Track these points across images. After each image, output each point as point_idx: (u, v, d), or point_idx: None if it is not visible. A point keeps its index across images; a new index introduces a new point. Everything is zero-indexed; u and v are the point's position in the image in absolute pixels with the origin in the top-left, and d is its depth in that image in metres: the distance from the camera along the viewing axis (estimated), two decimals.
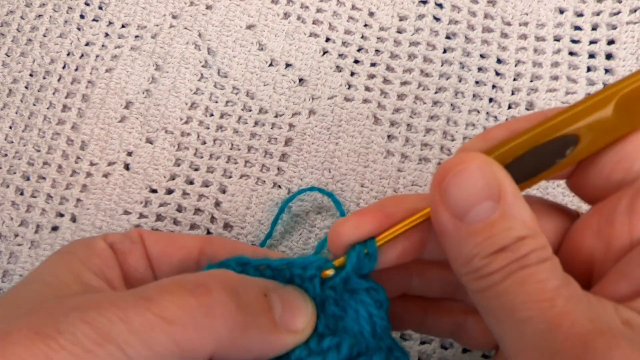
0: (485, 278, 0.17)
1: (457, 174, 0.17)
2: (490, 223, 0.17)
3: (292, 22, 0.38)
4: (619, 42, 0.35)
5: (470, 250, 0.17)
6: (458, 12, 0.37)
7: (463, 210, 0.17)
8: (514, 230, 0.17)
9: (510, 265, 0.17)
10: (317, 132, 0.35)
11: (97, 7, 0.40)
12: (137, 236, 0.23)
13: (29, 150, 0.36)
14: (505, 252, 0.17)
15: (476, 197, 0.17)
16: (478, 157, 0.18)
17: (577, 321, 0.16)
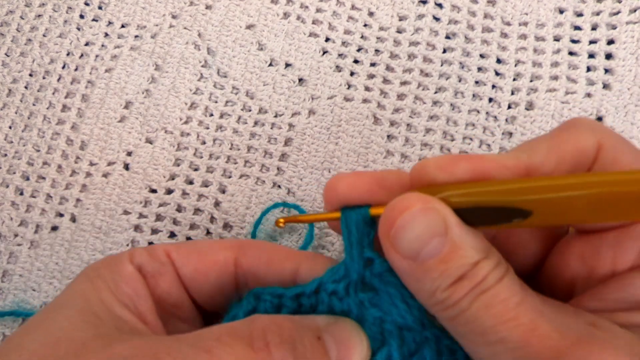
0: (452, 307, 0.18)
1: (402, 222, 0.18)
2: (442, 258, 0.18)
3: (292, 22, 0.38)
4: (618, 42, 0.35)
5: (431, 286, 0.18)
6: (458, 12, 0.37)
7: (414, 252, 0.18)
8: (467, 258, 0.18)
9: (472, 292, 0.17)
10: (317, 132, 0.35)
11: (96, 7, 0.40)
12: (165, 256, 0.22)
13: (28, 150, 0.36)
14: (464, 281, 0.18)
15: (423, 237, 0.18)
16: (418, 199, 0.18)
17: (544, 335, 0.17)
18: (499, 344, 0.17)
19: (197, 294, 0.23)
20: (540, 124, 0.34)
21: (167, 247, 0.22)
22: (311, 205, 0.33)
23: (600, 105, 0.34)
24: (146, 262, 0.22)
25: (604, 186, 0.17)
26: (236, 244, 0.23)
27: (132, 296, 0.21)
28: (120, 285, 0.21)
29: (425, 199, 0.18)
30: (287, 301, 0.21)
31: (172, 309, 0.22)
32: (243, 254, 0.23)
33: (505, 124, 0.35)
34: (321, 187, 0.34)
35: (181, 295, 0.22)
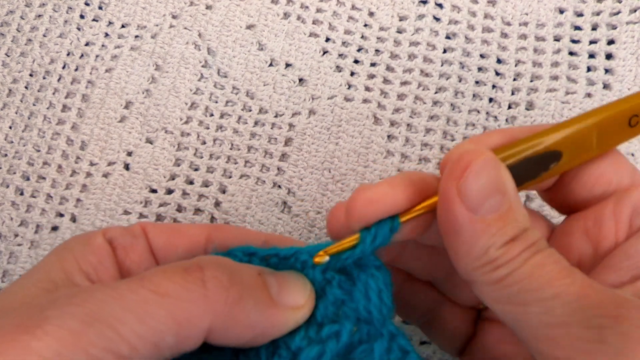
0: (504, 266, 0.18)
1: (472, 169, 0.18)
2: (501, 215, 0.18)
3: (292, 22, 0.38)
4: (619, 42, 0.35)
5: (486, 242, 0.18)
6: (458, 12, 0.37)
7: (478, 203, 0.18)
8: (520, 222, 0.18)
9: (527, 251, 0.18)
10: (317, 132, 0.35)
11: (97, 7, 0.40)
12: (140, 230, 0.22)
13: (28, 150, 0.36)
14: (519, 241, 0.18)
15: (488, 190, 0.18)
16: (487, 152, 0.19)
17: (601, 289, 0.17)
18: (555, 299, 0.17)
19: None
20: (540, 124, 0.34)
21: (144, 224, 0.23)
22: (311, 205, 0.34)
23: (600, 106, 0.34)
24: (119, 235, 0.22)
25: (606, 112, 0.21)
26: (212, 225, 0.24)
27: (95, 265, 0.20)
28: (86, 255, 0.20)
29: (491, 154, 0.19)
30: (255, 260, 0.21)
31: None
32: (216, 230, 0.23)
33: (505, 124, 0.35)
34: (321, 187, 0.34)
35: (151, 267, 0.22)
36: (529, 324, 0.18)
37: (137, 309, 0.16)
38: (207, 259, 0.19)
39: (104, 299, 0.16)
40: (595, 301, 0.17)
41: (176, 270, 0.18)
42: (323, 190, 0.34)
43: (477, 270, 0.19)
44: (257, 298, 0.19)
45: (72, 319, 0.16)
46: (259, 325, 0.19)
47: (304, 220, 0.33)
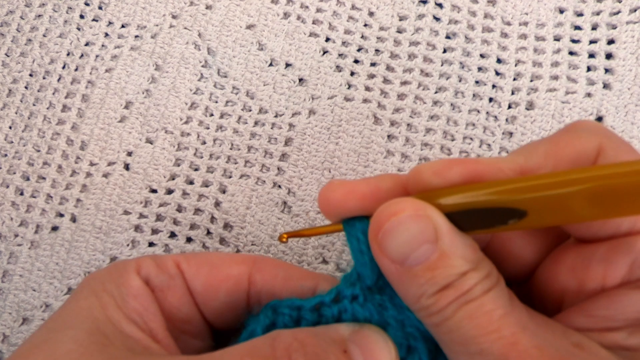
0: (436, 315, 0.18)
1: (390, 225, 0.18)
2: (430, 265, 0.18)
3: (292, 22, 0.38)
4: (619, 41, 0.35)
5: (417, 291, 0.18)
6: (458, 12, 0.37)
7: (402, 257, 0.18)
8: (455, 268, 0.18)
9: (456, 301, 0.17)
10: (317, 132, 0.35)
11: (96, 7, 0.40)
12: (175, 268, 0.21)
13: (28, 150, 0.36)
14: (449, 290, 0.17)
15: (412, 243, 0.18)
16: (410, 205, 0.18)
17: (523, 350, 0.17)
18: (479, 355, 0.17)
19: (207, 309, 0.22)
20: (540, 124, 0.34)
21: (176, 258, 0.21)
22: (312, 205, 0.33)
23: (600, 105, 0.34)
24: (154, 274, 0.21)
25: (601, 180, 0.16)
26: (251, 259, 0.22)
27: (141, 312, 0.19)
28: (127, 300, 0.19)
29: (417, 205, 0.18)
30: (306, 313, 0.21)
31: (182, 324, 0.21)
32: (258, 270, 0.22)
33: (505, 123, 0.35)
34: (322, 187, 0.34)
35: (191, 310, 0.21)
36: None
37: None
38: (290, 343, 0.18)
39: None
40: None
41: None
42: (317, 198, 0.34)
43: (416, 313, 0.19)
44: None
45: None
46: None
47: (304, 220, 0.33)
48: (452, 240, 0.18)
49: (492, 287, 0.18)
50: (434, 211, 0.18)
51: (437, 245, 0.18)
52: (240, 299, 0.22)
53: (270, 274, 0.22)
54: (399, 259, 0.18)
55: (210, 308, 0.22)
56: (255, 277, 0.22)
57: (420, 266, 0.18)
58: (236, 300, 0.22)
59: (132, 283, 0.20)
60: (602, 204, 0.17)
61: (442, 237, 0.18)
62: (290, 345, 0.18)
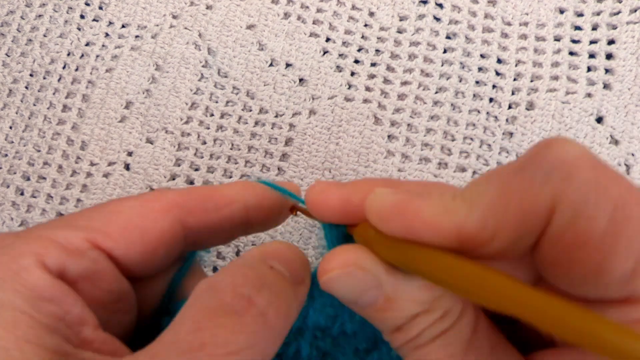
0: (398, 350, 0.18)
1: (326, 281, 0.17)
2: (378, 308, 0.17)
3: (292, 22, 0.38)
4: (619, 42, 0.35)
5: (377, 326, 0.18)
6: (458, 12, 0.37)
7: (352, 300, 0.18)
8: (403, 311, 0.17)
9: (407, 346, 0.17)
10: (318, 132, 0.35)
11: (97, 7, 0.40)
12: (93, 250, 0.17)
13: (29, 150, 0.36)
14: (401, 333, 0.17)
15: (354, 292, 0.17)
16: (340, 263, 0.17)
17: None
18: None
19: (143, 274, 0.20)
20: (540, 124, 0.34)
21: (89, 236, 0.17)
22: None
23: (600, 105, 0.34)
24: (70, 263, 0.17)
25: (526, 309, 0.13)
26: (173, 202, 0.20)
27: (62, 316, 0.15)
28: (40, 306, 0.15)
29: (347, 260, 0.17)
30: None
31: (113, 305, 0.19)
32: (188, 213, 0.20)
33: (505, 124, 0.35)
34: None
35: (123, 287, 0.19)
36: None
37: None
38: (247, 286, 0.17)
39: None
40: None
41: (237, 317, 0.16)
42: None
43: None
44: (291, 297, 0.19)
45: None
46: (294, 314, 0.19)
47: (304, 220, 0.33)
48: (396, 286, 0.17)
49: (445, 331, 0.17)
50: (371, 262, 0.17)
51: (381, 291, 0.17)
52: (178, 247, 0.20)
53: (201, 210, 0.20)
54: (349, 302, 0.18)
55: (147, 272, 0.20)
56: (189, 221, 0.20)
57: (370, 309, 0.17)
58: (174, 250, 0.20)
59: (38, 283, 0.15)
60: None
61: (385, 284, 0.17)
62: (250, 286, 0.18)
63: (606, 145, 0.34)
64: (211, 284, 0.18)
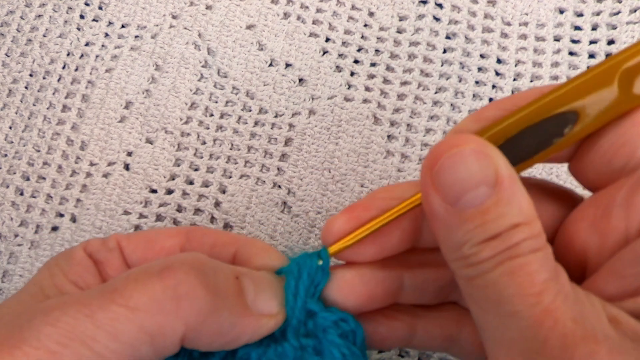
0: (475, 266, 0.16)
1: (449, 158, 0.16)
2: (483, 209, 0.16)
3: (292, 22, 0.38)
4: (619, 42, 0.35)
5: (462, 237, 0.16)
6: (458, 12, 0.37)
7: (456, 195, 0.16)
8: (508, 217, 0.16)
9: (501, 255, 0.16)
10: (317, 132, 0.35)
11: (97, 7, 0.40)
12: (115, 243, 0.22)
13: (28, 150, 0.36)
14: (497, 241, 0.16)
15: (470, 182, 0.16)
16: (472, 140, 0.17)
17: (560, 320, 0.15)
18: (511, 317, 0.16)
19: None
20: None
21: (119, 236, 0.23)
22: (312, 205, 0.33)
23: None
24: (97, 249, 0.22)
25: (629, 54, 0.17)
26: (183, 230, 0.23)
27: (81, 273, 0.21)
28: (71, 267, 0.21)
29: (480, 142, 0.17)
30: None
31: None
32: (189, 240, 0.22)
33: None
34: (321, 187, 0.34)
35: None
36: (485, 332, 0.17)
37: (108, 326, 0.17)
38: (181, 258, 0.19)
39: (76, 317, 0.17)
40: (545, 334, 0.15)
41: (147, 278, 0.18)
42: (323, 190, 0.34)
43: (452, 263, 0.17)
44: (232, 307, 0.19)
45: (49, 340, 0.17)
46: (233, 332, 0.19)
47: (304, 220, 0.33)
48: (511, 187, 0.16)
49: (541, 248, 0.16)
50: (497, 152, 0.17)
51: (494, 190, 0.16)
52: None
53: (199, 243, 0.22)
54: (452, 197, 0.16)
55: None
56: (186, 247, 0.22)
57: (473, 209, 0.16)
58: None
59: (76, 255, 0.22)
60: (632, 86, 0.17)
61: (502, 182, 0.16)
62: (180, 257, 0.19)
63: None
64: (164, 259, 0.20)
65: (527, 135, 0.18)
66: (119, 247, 0.22)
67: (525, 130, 0.18)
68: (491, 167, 0.16)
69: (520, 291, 0.16)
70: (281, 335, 0.20)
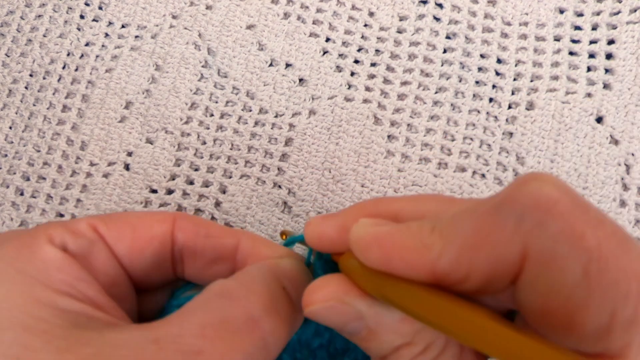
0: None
1: (310, 313, 0.17)
2: (362, 338, 0.17)
3: (292, 22, 0.38)
4: (619, 42, 0.35)
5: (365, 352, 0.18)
6: (458, 12, 0.37)
7: (336, 329, 0.18)
8: (386, 343, 0.17)
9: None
10: (318, 132, 0.35)
11: (97, 7, 0.40)
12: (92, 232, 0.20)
13: (29, 150, 0.36)
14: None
15: (338, 323, 0.17)
16: (323, 296, 0.17)
17: None
18: None
19: (134, 271, 0.21)
20: (540, 124, 0.34)
21: (91, 221, 0.20)
22: (312, 205, 0.34)
23: (600, 105, 0.34)
24: (70, 240, 0.19)
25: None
26: (171, 216, 0.21)
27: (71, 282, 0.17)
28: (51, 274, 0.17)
29: (328, 294, 0.17)
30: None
31: (110, 288, 0.20)
32: (179, 228, 0.21)
33: (505, 124, 0.35)
34: (322, 187, 0.34)
35: (117, 274, 0.20)
36: None
37: None
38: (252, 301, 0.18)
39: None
40: None
41: (235, 335, 0.17)
42: (323, 190, 0.34)
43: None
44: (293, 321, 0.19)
45: None
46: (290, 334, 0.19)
47: (305, 220, 0.33)
48: (378, 319, 0.17)
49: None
50: (353, 294, 0.17)
51: (363, 323, 0.17)
52: (166, 258, 0.21)
53: (192, 232, 0.21)
54: (337, 329, 0.18)
55: (138, 269, 0.21)
56: (177, 234, 0.21)
57: (354, 338, 0.18)
58: (162, 260, 0.21)
59: (49, 255, 0.18)
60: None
61: (367, 317, 0.17)
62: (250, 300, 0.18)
63: (606, 145, 0.34)
64: (225, 290, 0.18)
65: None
66: (98, 235, 0.20)
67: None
68: (350, 310, 0.17)
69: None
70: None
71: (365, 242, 0.17)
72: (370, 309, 0.17)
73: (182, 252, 0.22)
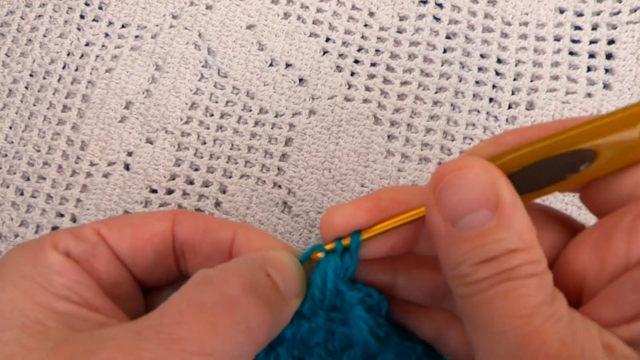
0: (471, 285, 0.17)
1: (453, 178, 0.17)
2: (482, 232, 0.17)
3: (292, 22, 0.38)
4: (619, 41, 0.35)
5: (459, 257, 0.17)
6: (458, 12, 0.37)
7: (456, 215, 0.17)
8: (506, 242, 0.16)
9: (495, 277, 0.16)
10: (317, 132, 0.35)
11: (97, 7, 0.40)
12: (95, 235, 0.20)
13: (29, 150, 0.36)
14: (493, 263, 0.16)
15: (471, 204, 0.17)
16: (477, 163, 0.17)
17: (547, 341, 0.16)
18: (500, 336, 0.16)
19: (137, 270, 0.21)
20: None
21: (95, 225, 0.21)
22: (312, 205, 0.34)
23: (600, 105, 0.34)
24: (74, 245, 0.20)
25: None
26: (170, 213, 0.22)
27: (70, 286, 0.18)
28: (52, 278, 0.18)
29: (486, 165, 0.17)
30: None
31: (113, 289, 0.21)
32: (178, 223, 0.22)
33: (505, 124, 0.35)
34: (322, 187, 0.34)
35: (121, 274, 0.21)
36: (476, 346, 0.17)
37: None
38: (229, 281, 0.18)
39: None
40: (531, 354, 0.16)
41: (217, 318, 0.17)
42: (323, 190, 0.34)
43: (449, 280, 0.18)
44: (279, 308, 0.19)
45: None
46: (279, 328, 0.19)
47: (304, 220, 0.33)
48: (513, 213, 0.17)
49: (538, 274, 0.17)
50: (502, 178, 0.17)
51: (495, 214, 0.16)
52: (168, 255, 0.22)
53: (190, 227, 0.22)
54: (452, 217, 0.17)
55: (141, 268, 0.21)
56: (177, 230, 0.21)
57: (472, 231, 0.17)
58: (164, 257, 0.22)
59: (51, 260, 0.19)
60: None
61: (503, 207, 0.17)
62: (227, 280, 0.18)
63: None
64: (205, 276, 0.18)
65: (542, 167, 0.18)
66: (100, 237, 0.20)
67: (542, 162, 0.18)
68: (493, 191, 0.17)
69: (510, 312, 0.16)
70: (312, 313, 0.21)
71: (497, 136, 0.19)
72: (511, 197, 0.17)
73: (183, 248, 0.22)
